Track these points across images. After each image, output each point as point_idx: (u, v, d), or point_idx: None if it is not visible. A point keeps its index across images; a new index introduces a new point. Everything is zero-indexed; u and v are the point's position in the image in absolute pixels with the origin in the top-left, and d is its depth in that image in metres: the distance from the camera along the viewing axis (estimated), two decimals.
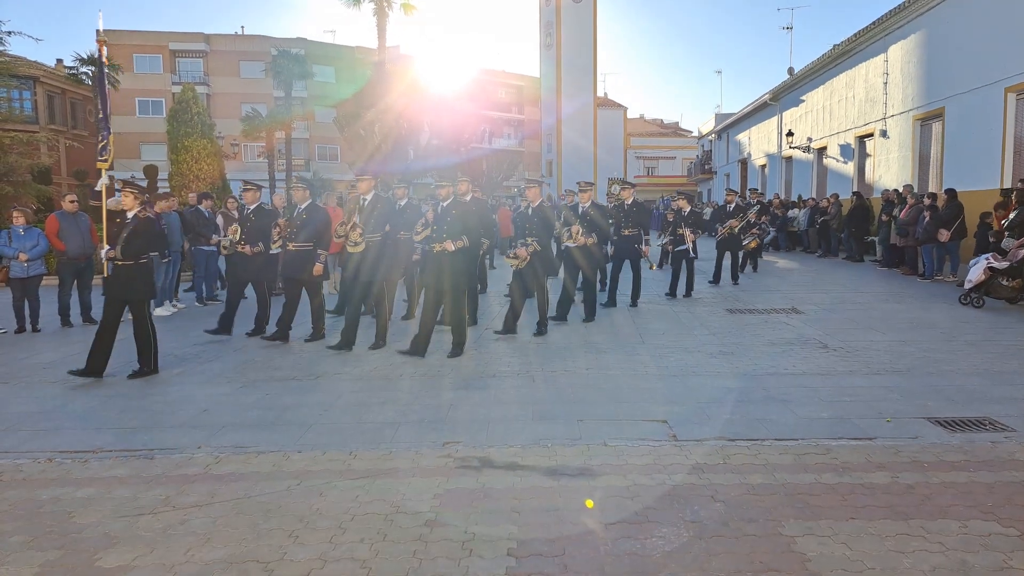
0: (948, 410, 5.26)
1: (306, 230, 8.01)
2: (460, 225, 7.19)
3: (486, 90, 52.15)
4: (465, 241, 7.17)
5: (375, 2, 27.02)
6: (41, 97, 39.48)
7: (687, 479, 4.04)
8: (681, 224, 11.05)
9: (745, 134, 32.35)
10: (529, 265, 8.10)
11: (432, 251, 7.27)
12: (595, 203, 9.37)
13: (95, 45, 37.44)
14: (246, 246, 8.28)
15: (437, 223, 7.37)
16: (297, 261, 8.07)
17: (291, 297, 8.20)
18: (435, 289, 7.29)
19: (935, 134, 16.18)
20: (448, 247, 7.08)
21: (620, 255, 10.36)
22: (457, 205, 7.37)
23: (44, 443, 4.87)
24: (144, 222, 6.71)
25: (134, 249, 6.58)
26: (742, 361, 6.90)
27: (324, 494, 3.91)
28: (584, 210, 9.20)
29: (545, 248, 8.26)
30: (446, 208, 7.36)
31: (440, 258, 7.17)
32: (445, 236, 7.14)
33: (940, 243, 12.46)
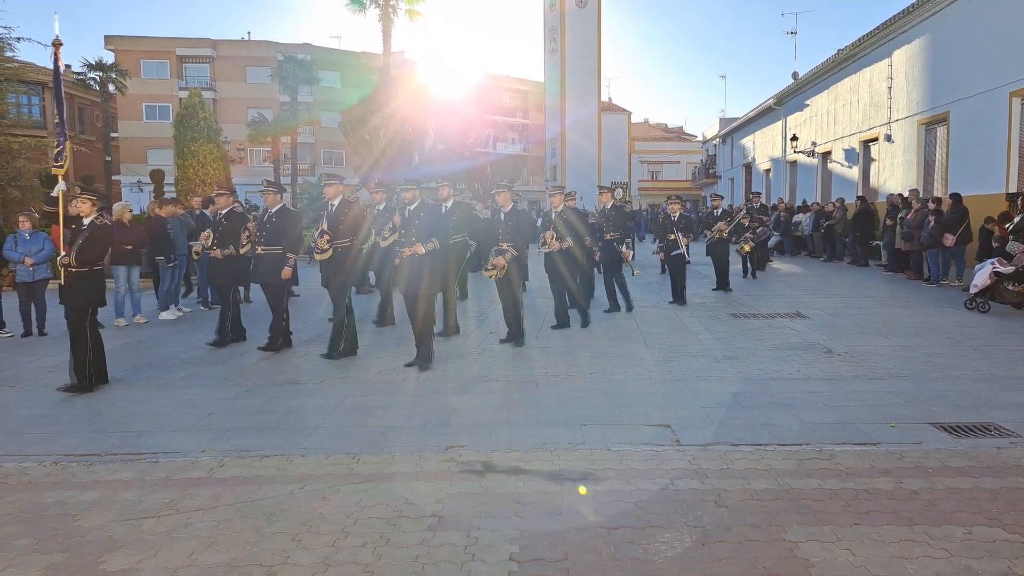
0: (953, 415, 5.24)
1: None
2: (428, 228, 6.97)
3: (490, 95, 52.18)
4: (435, 243, 6.92)
5: (381, 8, 27.17)
6: (49, 102, 39.68)
7: (690, 484, 4.03)
8: (673, 229, 10.89)
9: (749, 138, 32.33)
10: (508, 274, 7.90)
11: (402, 256, 7.05)
12: (569, 207, 9.22)
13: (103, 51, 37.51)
14: (216, 249, 8.26)
15: (404, 227, 7.15)
16: (266, 265, 7.83)
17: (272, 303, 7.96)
18: (410, 295, 7.04)
19: (940, 139, 16.14)
20: (418, 250, 6.85)
21: (604, 260, 10.29)
22: (424, 208, 7.16)
23: (50, 446, 4.90)
24: (100, 229, 6.52)
25: (88, 256, 6.39)
26: (746, 365, 6.88)
27: (327, 498, 3.92)
28: (557, 214, 9.03)
29: (521, 255, 8.03)
30: (413, 211, 7.12)
31: (411, 262, 6.96)
32: (414, 239, 6.93)
33: (945, 247, 12.43)
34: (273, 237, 7.82)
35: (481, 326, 9.16)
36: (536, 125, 53.33)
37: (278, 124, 35.12)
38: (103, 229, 6.58)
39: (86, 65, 36.30)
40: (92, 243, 6.41)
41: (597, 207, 12.18)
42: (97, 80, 36.45)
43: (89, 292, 6.42)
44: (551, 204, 9.25)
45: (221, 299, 8.54)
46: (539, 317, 9.71)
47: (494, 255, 7.98)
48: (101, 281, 6.59)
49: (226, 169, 26.27)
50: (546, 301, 10.42)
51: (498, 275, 7.91)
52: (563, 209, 9.01)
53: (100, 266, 6.55)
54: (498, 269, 7.87)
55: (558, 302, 9.06)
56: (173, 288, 10.63)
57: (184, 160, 22.26)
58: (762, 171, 30.19)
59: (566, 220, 8.90)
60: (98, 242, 6.48)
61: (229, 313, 8.33)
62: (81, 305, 6.40)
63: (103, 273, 6.64)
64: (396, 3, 27.36)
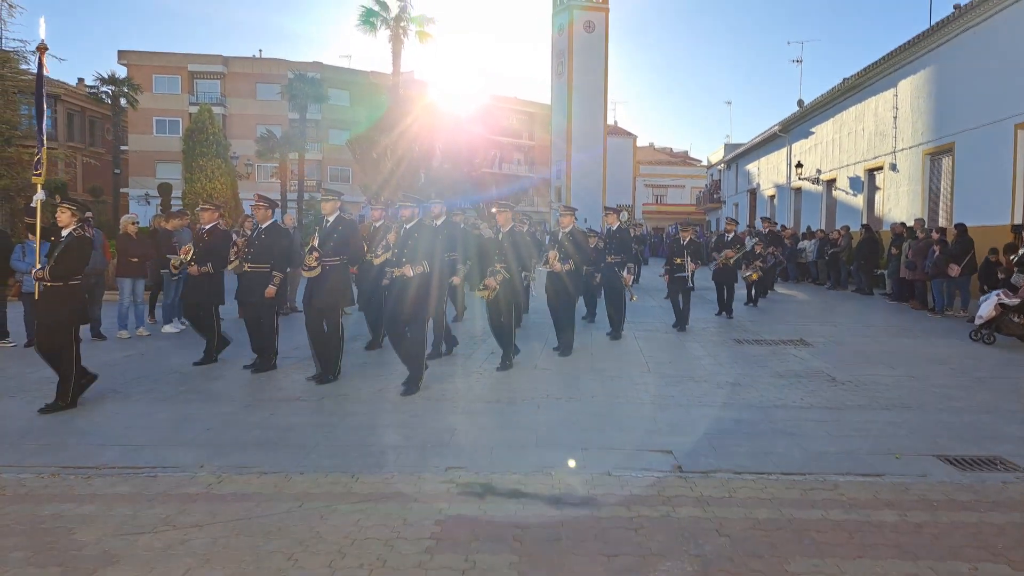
0: (958, 448, 5.19)
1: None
2: (423, 250, 6.74)
3: (497, 116, 52.64)
4: (425, 266, 6.69)
5: (391, 29, 27.53)
6: (61, 115, 40.17)
7: (692, 512, 3.99)
8: (684, 253, 10.74)
9: (754, 164, 32.46)
10: (499, 295, 7.72)
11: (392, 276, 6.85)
12: (575, 229, 9.05)
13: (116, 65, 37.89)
14: (194, 265, 8.05)
15: (399, 246, 6.91)
16: (252, 283, 7.59)
17: (251, 322, 7.74)
18: (395, 319, 6.79)
19: (945, 169, 16.19)
20: (407, 272, 6.63)
21: (604, 283, 10.13)
22: (421, 228, 6.96)
23: (49, 458, 4.87)
24: (79, 241, 6.15)
25: (65, 269, 6.01)
26: (749, 392, 6.85)
27: (325, 517, 3.89)
28: (564, 234, 8.88)
29: (514, 276, 7.85)
30: (409, 230, 6.90)
31: (399, 284, 6.74)
32: (405, 260, 6.72)
33: (950, 278, 12.40)
34: (261, 254, 7.59)
35: (483, 346, 9.13)
36: (542, 146, 53.67)
37: (286, 141, 35.38)
38: (83, 241, 6.21)
39: (99, 79, 36.68)
40: (69, 256, 6.03)
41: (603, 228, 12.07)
42: (109, 94, 36.81)
43: (67, 308, 6.05)
44: (560, 224, 9.12)
45: (188, 315, 8.28)
46: (542, 338, 9.68)
47: (488, 275, 7.84)
48: (80, 296, 6.27)
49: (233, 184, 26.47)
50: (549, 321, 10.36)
51: (489, 296, 7.75)
52: (571, 230, 8.91)
53: (78, 280, 6.19)
54: (489, 290, 7.71)
55: (557, 325, 8.86)
56: (176, 301, 10.63)
57: (192, 174, 22.48)
58: (767, 197, 30.26)
59: (573, 241, 8.76)
60: (76, 255, 6.10)
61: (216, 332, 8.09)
62: (61, 321, 6.04)
63: (82, 288, 6.33)
64: (407, 24, 27.75)
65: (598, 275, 10.11)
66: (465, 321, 11.14)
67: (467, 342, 9.40)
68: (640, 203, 52.95)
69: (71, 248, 6.06)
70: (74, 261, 6.08)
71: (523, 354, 8.38)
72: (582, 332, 9.95)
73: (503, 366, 7.74)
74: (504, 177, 51.36)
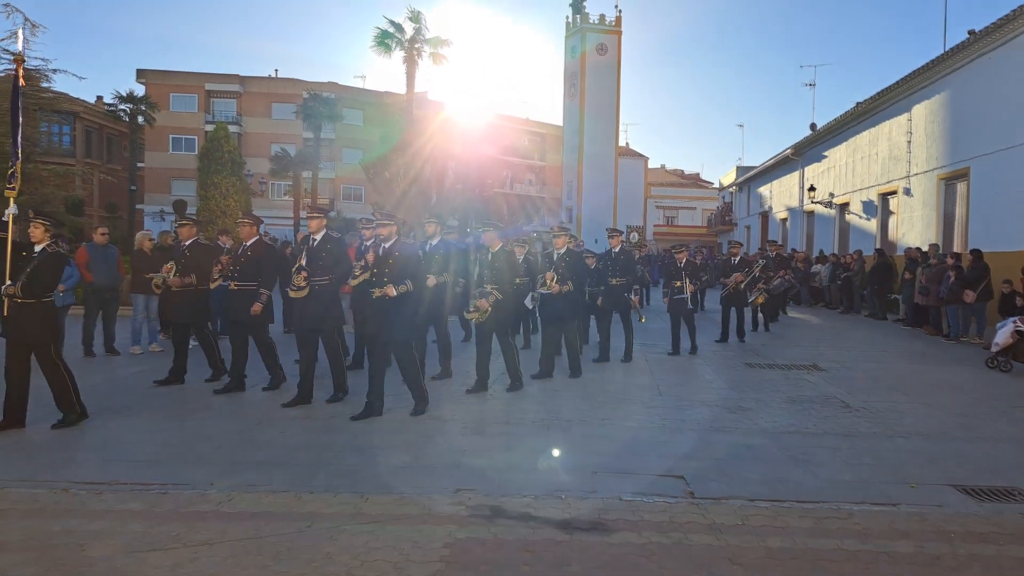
0: (975, 478, 5.11)
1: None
2: (403, 269, 6.49)
3: (509, 137, 52.96)
4: (409, 286, 6.44)
5: (406, 51, 27.84)
6: (80, 132, 40.77)
7: (704, 539, 3.95)
8: (683, 275, 10.57)
9: (767, 187, 32.44)
10: (491, 317, 7.55)
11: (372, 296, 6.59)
12: (571, 250, 8.97)
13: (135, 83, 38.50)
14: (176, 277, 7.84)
15: (377, 266, 6.65)
16: (239, 301, 7.39)
17: (236, 342, 7.51)
18: (377, 341, 6.63)
19: (960, 194, 16.12)
20: (389, 292, 6.35)
21: (608, 306, 9.95)
22: (401, 247, 6.70)
23: (61, 473, 4.89)
24: (52, 257, 6.01)
25: (38, 286, 5.86)
26: (761, 418, 6.79)
27: (334, 538, 3.87)
28: (559, 256, 8.76)
29: (507, 297, 7.67)
30: (388, 249, 6.64)
31: (380, 305, 6.50)
32: (386, 280, 6.46)
33: (965, 304, 12.29)
34: (248, 272, 7.40)
35: (493, 366, 9.08)
36: (553, 167, 53.88)
37: (300, 160, 35.75)
38: (56, 258, 6.07)
39: (117, 97, 37.28)
40: (42, 272, 5.89)
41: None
42: (127, 112, 37.39)
43: (39, 325, 5.91)
44: (555, 246, 9.04)
45: (175, 338, 8.05)
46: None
47: (478, 296, 7.67)
48: (54, 313, 6.13)
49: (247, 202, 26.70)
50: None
51: (480, 318, 7.57)
52: (566, 251, 8.78)
53: (49, 297, 6.05)
54: (480, 312, 7.53)
55: (546, 348, 8.63)
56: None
57: (207, 191, 22.70)
58: (779, 220, 30.20)
59: (569, 263, 8.63)
60: (49, 271, 5.97)
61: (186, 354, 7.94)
62: (40, 342, 5.93)
63: (54, 305, 6.20)
64: (421, 46, 28.04)
65: (599, 298, 9.95)
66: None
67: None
68: (651, 224, 52.95)
69: (45, 264, 5.94)
70: (48, 277, 5.98)
71: (537, 374, 8.34)
72: (587, 355, 9.90)
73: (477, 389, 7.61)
74: (515, 198, 51.53)
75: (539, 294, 8.63)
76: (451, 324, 9.30)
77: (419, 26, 27.83)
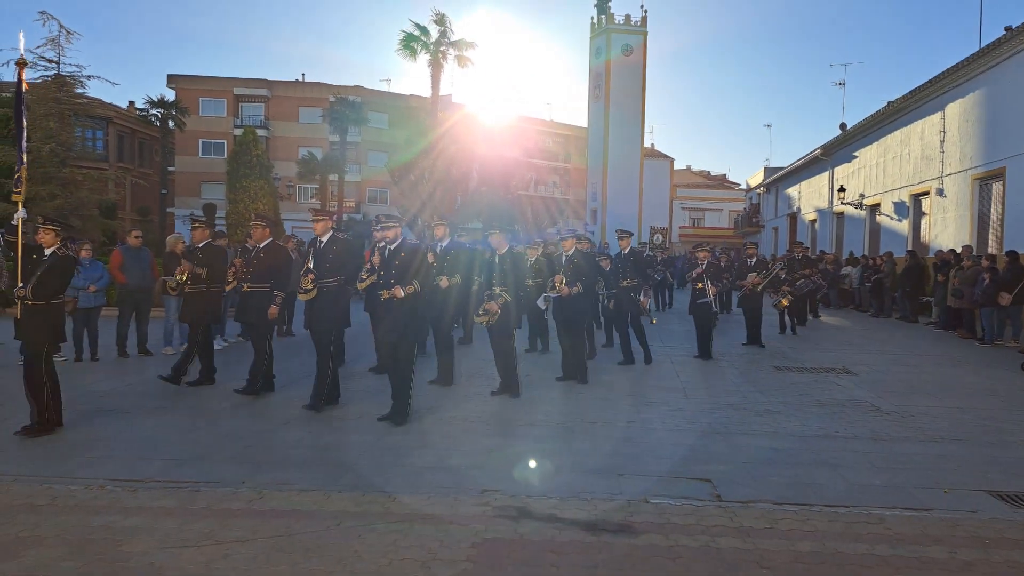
0: (1010, 483, 5.01)
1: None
2: (408, 270, 6.44)
3: (534, 138, 53.03)
4: (416, 287, 6.41)
5: (431, 54, 28.00)
6: (112, 137, 41.60)
7: (732, 542, 3.92)
8: (704, 278, 10.37)
9: (795, 188, 32.04)
10: (501, 319, 7.46)
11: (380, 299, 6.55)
12: (581, 251, 8.80)
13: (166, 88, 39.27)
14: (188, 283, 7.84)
15: (383, 268, 6.63)
16: (250, 303, 7.39)
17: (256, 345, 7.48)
18: (386, 343, 6.61)
19: (995, 194, 15.77)
20: (397, 293, 6.33)
21: (619, 308, 9.89)
22: (405, 248, 6.62)
23: (97, 470, 5.01)
24: (63, 260, 6.10)
25: (48, 290, 5.92)
26: (790, 421, 6.72)
27: (363, 536, 3.92)
28: (568, 258, 8.63)
29: (514, 299, 7.57)
30: (393, 251, 6.61)
31: (389, 307, 6.47)
32: (393, 281, 6.42)
33: (1000, 306, 12.03)
34: (261, 274, 7.41)
35: None
36: (578, 169, 53.76)
37: (327, 163, 36.11)
38: (65, 261, 6.16)
39: (149, 102, 38.02)
40: (52, 275, 5.97)
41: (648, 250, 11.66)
42: (158, 116, 38.10)
43: (46, 328, 5.95)
44: (563, 248, 8.92)
45: (190, 337, 8.02)
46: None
47: (486, 300, 7.59)
48: (60, 316, 6.16)
49: (275, 205, 27.05)
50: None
51: (490, 321, 7.49)
52: (574, 253, 8.66)
53: (59, 300, 6.13)
54: (490, 315, 7.46)
55: (565, 352, 8.53)
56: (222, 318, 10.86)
57: (236, 195, 23.01)
58: (807, 221, 29.81)
59: (577, 265, 8.50)
60: (59, 275, 6.04)
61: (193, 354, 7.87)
62: (38, 341, 5.94)
63: (62, 308, 6.23)
64: (446, 49, 28.18)
65: (611, 300, 9.89)
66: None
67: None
68: (677, 226, 52.61)
69: (54, 268, 6.00)
70: (56, 280, 6.03)
71: (560, 377, 8.35)
72: (610, 357, 9.86)
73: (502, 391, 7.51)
74: (540, 200, 51.55)
75: (550, 297, 8.55)
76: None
77: (444, 29, 27.98)
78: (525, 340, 10.67)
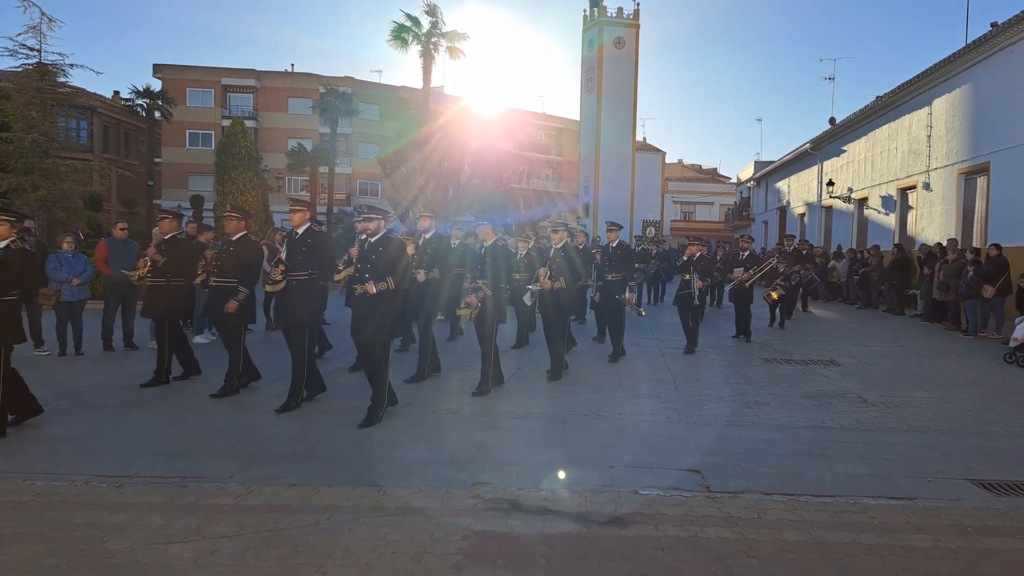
0: (993, 472, 5.08)
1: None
2: (386, 265, 6.18)
3: (526, 131, 52.94)
4: (390, 283, 6.12)
5: (423, 45, 27.85)
6: (97, 127, 41.13)
7: (721, 532, 3.95)
8: (690, 269, 10.26)
9: (784, 182, 32.17)
10: (481, 313, 7.27)
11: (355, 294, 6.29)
12: (567, 245, 8.63)
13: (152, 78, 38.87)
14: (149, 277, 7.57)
15: (361, 261, 6.37)
16: (220, 300, 7.08)
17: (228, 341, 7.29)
18: (357, 340, 6.43)
19: (980, 189, 15.90)
20: (370, 289, 6.04)
21: (606, 301, 9.72)
22: (385, 241, 6.33)
23: (81, 466, 4.96)
24: (17, 255, 5.76)
25: (2, 285, 5.59)
26: (778, 412, 6.76)
27: (353, 530, 3.91)
28: (556, 250, 8.49)
29: (497, 293, 7.34)
30: (372, 244, 6.34)
31: (361, 302, 6.21)
32: (368, 276, 6.16)
33: (984, 299, 12.15)
34: (230, 269, 7.10)
35: (507, 362, 9.12)
36: (570, 162, 53.75)
37: (317, 155, 35.90)
38: (22, 255, 5.83)
39: (134, 92, 37.59)
40: (6, 270, 5.63)
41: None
42: (144, 107, 37.70)
43: (5, 326, 5.62)
44: (552, 241, 8.77)
45: (157, 335, 7.79)
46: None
47: (468, 293, 7.40)
48: (15, 313, 5.84)
49: (264, 197, 26.89)
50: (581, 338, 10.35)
51: (472, 315, 7.27)
52: (563, 246, 8.47)
53: (14, 296, 5.75)
54: (472, 309, 7.24)
55: (550, 347, 8.35)
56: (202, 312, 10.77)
57: (224, 187, 22.87)
58: (797, 215, 29.95)
59: (564, 258, 8.34)
60: (14, 269, 5.68)
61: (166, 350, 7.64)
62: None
63: (14, 306, 5.83)
64: (438, 40, 28.05)
65: (597, 293, 9.74)
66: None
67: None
68: (668, 219, 52.74)
69: (9, 263, 5.67)
70: (13, 276, 5.70)
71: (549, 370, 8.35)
72: (601, 350, 9.89)
73: (479, 391, 7.28)
74: (533, 192, 51.50)
75: (534, 290, 8.34)
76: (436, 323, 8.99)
77: (436, 19, 27.83)
78: (514, 335, 10.64)
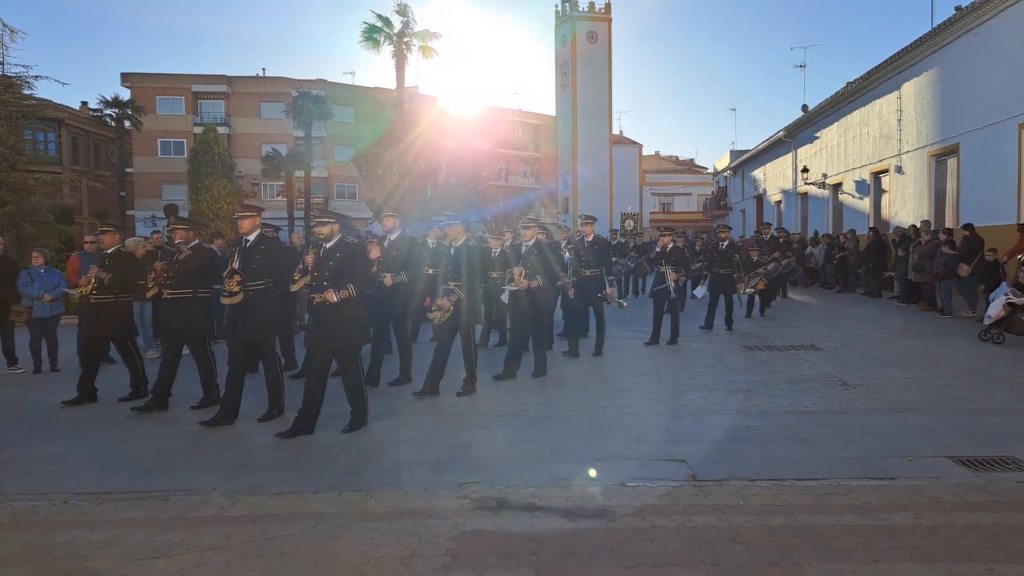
0: (971, 449, 5.16)
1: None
2: (343, 272, 5.93)
3: (503, 129, 52.93)
4: (351, 291, 5.88)
5: (395, 45, 27.74)
6: (65, 139, 40.48)
7: (707, 520, 3.98)
8: (662, 262, 10.22)
9: (760, 170, 32.44)
10: (452, 317, 7.03)
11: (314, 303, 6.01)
12: (540, 241, 8.41)
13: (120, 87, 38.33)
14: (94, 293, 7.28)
15: (317, 268, 6.04)
16: (175, 313, 6.88)
17: (167, 355, 7.02)
18: (316, 351, 6.15)
19: (951, 170, 16.15)
20: (329, 297, 5.80)
21: (582, 299, 9.29)
22: (342, 247, 6.08)
23: (60, 484, 4.88)
24: None
25: None
26: (761, 399, 6.82)
27: (340, 537, 3.89)
28: (528, 248, 8.27)
29: (470, 295, 7.15)
30: (329, 250, 6.06)
31: (321, 312, 5.94)
32: (326, 284, 5.89)
33: (959, 278, 12.32)
34: (181, 280, 6.84)
35: (489, 361, 9.11)
36: (548, 158, 53.84)
37: (292, 159, 35.63)
38: None
39: (103, 101, 37.06)
40: None
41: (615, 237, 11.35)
42: (113, 116, 37.18)
43: None
44: (524, 237, 8.48)
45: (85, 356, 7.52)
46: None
47: (440, 295, 7.16)
48: None
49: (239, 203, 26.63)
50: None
51: (442, 318, 7.03)
52: (535, 243, 8.26)
53: None
54: (442, 311, 6.99)
55: (512, 348, 8.13)
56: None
57: (198, 195, 22.62)
58: (773, 203, 30.22)
59: (539, 255, 8.15)
60: None
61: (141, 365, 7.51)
62: None
63: None
64: (410, 40, 27.97)
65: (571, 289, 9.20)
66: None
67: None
68: (647, 211, 53.01)
69: None
70: None
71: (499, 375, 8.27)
72: (584, 346, 9.91)
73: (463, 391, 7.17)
74: (511, 190, 51.54)
75: (508, 290, 8.11)
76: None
77: (407, 19, 27.78)
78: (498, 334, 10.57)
